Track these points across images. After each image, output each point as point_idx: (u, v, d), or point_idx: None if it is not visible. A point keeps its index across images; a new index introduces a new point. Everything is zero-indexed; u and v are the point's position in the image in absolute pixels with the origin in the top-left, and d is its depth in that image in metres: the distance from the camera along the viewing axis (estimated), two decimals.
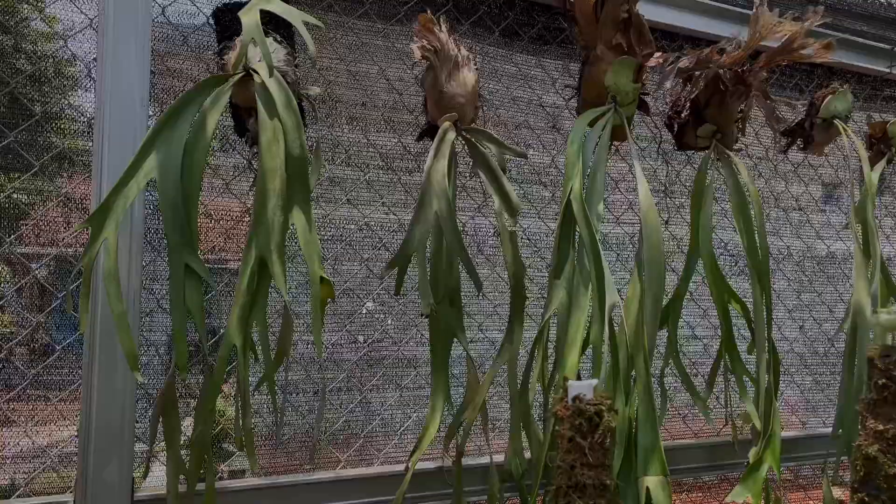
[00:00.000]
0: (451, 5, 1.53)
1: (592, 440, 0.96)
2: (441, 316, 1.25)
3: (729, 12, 1.82)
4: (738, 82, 1.65)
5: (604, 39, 1.53)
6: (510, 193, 1.30)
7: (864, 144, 2.03)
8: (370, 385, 1.45)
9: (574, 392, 1.02)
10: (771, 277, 2.06)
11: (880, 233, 2.26)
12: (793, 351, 2.01)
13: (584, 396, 1.01)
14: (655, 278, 1.38)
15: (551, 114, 1.68)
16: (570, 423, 0.97)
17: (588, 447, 0.96)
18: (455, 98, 1.37)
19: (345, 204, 1.44)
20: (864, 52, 2.10)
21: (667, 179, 1.81)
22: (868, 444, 1.21)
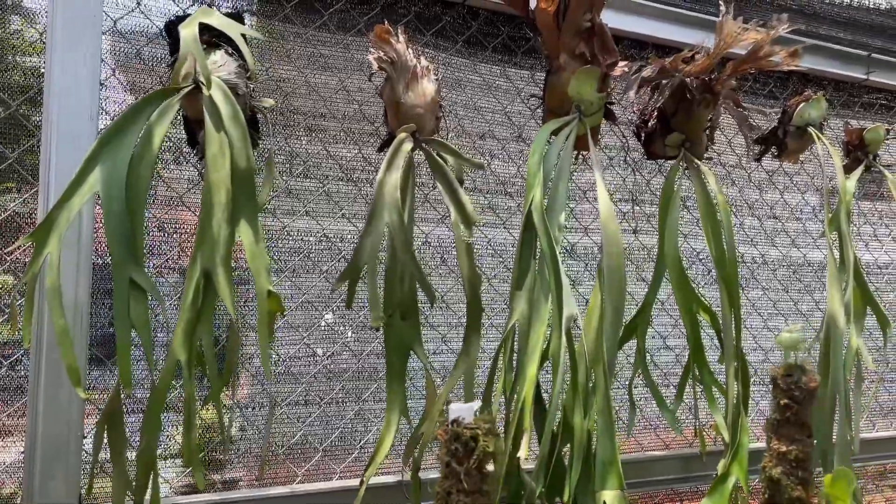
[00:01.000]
0: (412, 15, 1.52)
1: (468, 466, 0.94)
2: (395, 329, 1.24)
3: (698, 20, 1.81)
4: (705, 91, 1.64)
5: (566, 49, 1.52)
6: (466, 205, 1.29)
7: (841, 151, 2.02)
8: (328, 398, 1.44)
9: (454, 415, 1.00)
10: (745, 286, 2.05)
11: (859, 240, 2.25)
12: (769, 361, 1.99)
13: (462, 420, 0.99)
14: (616, 288, 1.36)
15: (517, 123, 1.67)
16: (447, 448, 0.96)
17: (464, 473, 0.94)
18: (414, 109, 1.36)
19: (303, 216, 1.43)
20: (840, 59, 2.09)
21: (635, 188, 1.80)
22: (772, 466, 1.20)
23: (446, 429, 0.97)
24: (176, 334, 1.06)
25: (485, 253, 1.63)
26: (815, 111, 1.89)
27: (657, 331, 1.84)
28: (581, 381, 1.32)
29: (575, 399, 1.33)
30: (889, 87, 2.20)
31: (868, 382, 2.18)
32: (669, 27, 1.82)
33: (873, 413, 2.17)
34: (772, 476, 1.25)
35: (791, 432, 1.24)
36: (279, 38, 1.40)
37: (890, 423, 2.18)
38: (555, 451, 1.30)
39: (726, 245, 1.61)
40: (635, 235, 1.83)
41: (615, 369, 1.64)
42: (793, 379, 1.19)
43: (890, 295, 2.23)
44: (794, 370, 1.20)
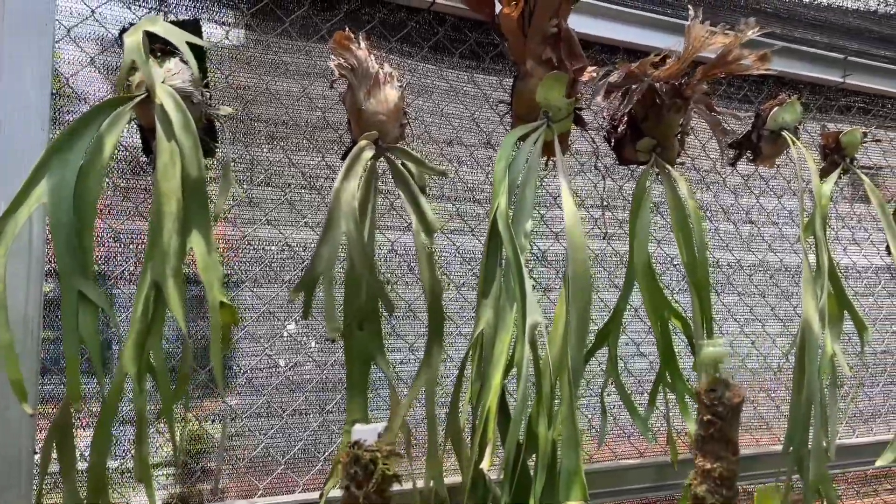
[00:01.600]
0: (377, 21, 1.51)
1: (367, 489, 0.92)
2: (355, 339, 1.22)
3: (670, 24, 1.80)
4: (675, 96, 1.62)
5: (533, 54, 1.51)
6: (428, 213, 1.27)
7: (818, 155, 2.01)
8: (291, 409, 1.42)
9: (356, 437, 0.98)
10: (721, 292, 2.03)
11: (838, 244, 2.24)
12: (745, 367, 1.97)
13: (364, 442, 0.97)
14: (581, 296, 1.35)
15: (485, 130, 1.66)
16: (346, 472, 0.94)
17: (363, 497, 0.92)
18: (376, 116, 1.35)
19: (265, 225, 1.41)
20: (816, 62, 2.08)
21: (604, 193, 1.79)
22: (697, 484, 1.18)
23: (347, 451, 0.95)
24: (125, 348, 1.05)
25: (453, 261, 1.61)
26: (790, 115, 1.88)
27: (630, 337, 1.83)
28: (546, 390, 1.30)
29: (539, 409, 1.31)
30: (866, 89, 2.19)
31: (848, 388, 2.17)
32: (641, 31, 1.81)
33: (853, 419, 2.16)
34: (696, 494, 1.23)
35: (716, 449, 1.21)
36: (239, 45, 1.38)
37: (870, 428, 2.17)
38: (519, 461, 1.28)
39: (697, 251, 1.60)
40: (607, 242, 1.81)
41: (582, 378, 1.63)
42: (716, 394, 1.14)
43: (869, 299, 2.22)
44: (718, 385, 1.16)
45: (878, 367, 2.21)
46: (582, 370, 1.37)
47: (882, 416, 2.19)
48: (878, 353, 2.21)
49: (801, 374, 1.72)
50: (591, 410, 1.77)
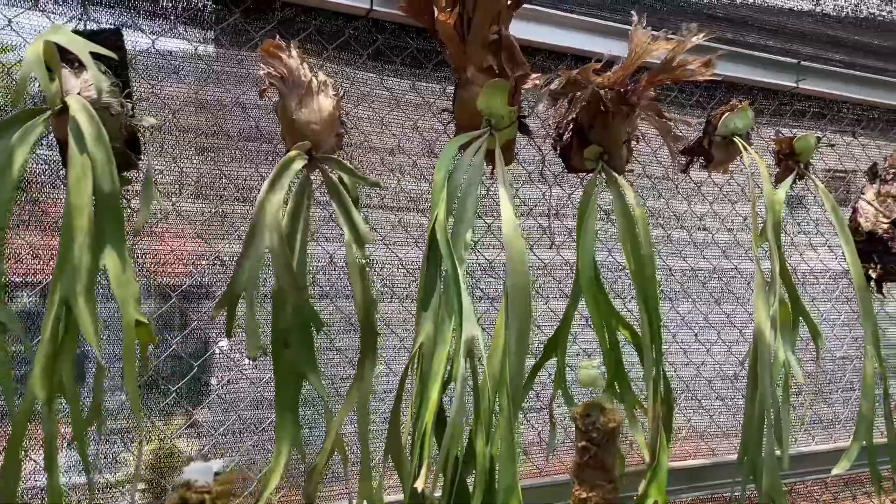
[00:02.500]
0: (313, 29, 1.48)
1: None
2: (284, 356, 1.19)
3: (619, 30, 1.78)
4: (620, 103, 1.60)
5: (474, 62, 1.48)
6: (359, 225, 1.24)
7: (773, 161, 2.00)
8: (224, 429, 1.38)
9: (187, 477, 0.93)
10: (675, 300, 2.01)
11: (794, 250, 2.23)
12: (700, 375, 1.95)
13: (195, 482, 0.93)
14: (520, 307, 1.32)
15: (428, 139, 1.63)
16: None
17: None
18: (308, 126, 1.31)
19: (195, 238, 1.38)
20: (769, 67, 2.07)
21: (551, 202, 1.76)
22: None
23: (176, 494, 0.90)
24: (33, 371, 1.01)
25: (397, 273, 1.58)
26: (741, 121, 1.86)
27: (582, 347, 1.80)
28: (484, 405, 1.27)
29: (478, 424, 1.28)
30: (820, 94, 2.18)
31: (806, 394, 2.15)
32: (589, 38, 1.79)
33: (813, 425, 2.14)
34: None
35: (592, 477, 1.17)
36: (167, 53, 1.35)
37: (830, 435, 2.15)
38: (456, 478, 1.25)
39: (644, 260, 1.57)
40: (556, 250, 1.79)
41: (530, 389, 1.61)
42: (591, 420, 1.09)
43: (828, 304, 2.21)
44: (592, 410, 1.10)
45: (837, 372, 2.20)
46: (522, 383, 1.33)
47: (842, 422, 2.17)
48: (837, 359, 2.20)
49: (755, 382, 1.71)
50: (542, 422, 1.74)
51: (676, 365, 1.94)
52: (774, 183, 1.99)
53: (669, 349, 1.93)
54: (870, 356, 1.80)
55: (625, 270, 1.85)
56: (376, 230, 1.55)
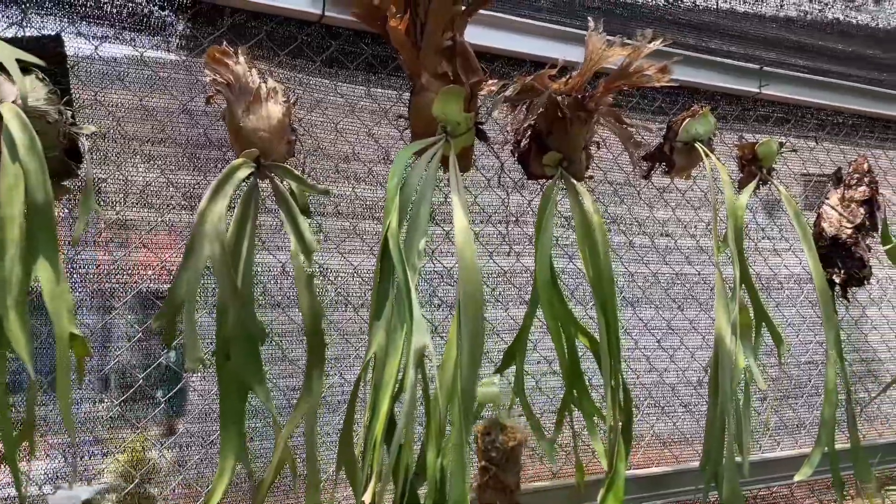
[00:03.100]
0: (264, 35, 1.46)
1: None
2: (229, 368, 1.16)
3: (578, 36, 1.77)
4: (578, 109, 1.60)
5: (428, 68, 1.47)
6: (306, 234, 1.22)
7: (735, 166, 2.00)
8: (170, 442, 1.36)
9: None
10: (637, 306, 2.01)
11: (758, 255, 2.23)
12: (663, 382, 1.95)
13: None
14: (472, 317, 1.31)
15: (384, 146, 1.61)
16: None
17: None
18: (256, 133, 1.30)
19: (139, 248, 1.35)
20: (732, 73, 2.07)
21: (510, 208, 1.75)
22: None
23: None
24: None
25: (352, 281, 1.56)
26: (702, 126, 1.86)
27: (543, 355, 1.79)
28: (435, 416, 1.26)
29: (428, 435, 1.27)
30: (784, 99, 2.19)
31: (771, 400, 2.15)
32: (549, 44, 1.78)
33: (778, 431, 2.14)
34: None
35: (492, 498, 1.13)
36: (111, 60, 1.32)
37: (795, 440, 2.15)
38: (406, 490, 1.23)
39: (602, 266, 1.57)
40: (516, 257, 1.77)
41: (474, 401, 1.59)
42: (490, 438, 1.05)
43: (792, 309, 2.21)
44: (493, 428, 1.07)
45: (803, 377, 2.20)
46: (475, 394, 1.31)
47: (807, 427, 2.18)
48: (802, 364, 2.21)
49: (716, 388, 1.70)
50: None
51: (639, 371, 1.93)
52: (737, 188, 1.99)
53: (632, 356, 1.92)
54: (832, 361, 1.80)
55: None
56: (330, 238, 1.53)
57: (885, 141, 2.43)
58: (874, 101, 2.38)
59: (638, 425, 1.90)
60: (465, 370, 1.29)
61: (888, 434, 2.31)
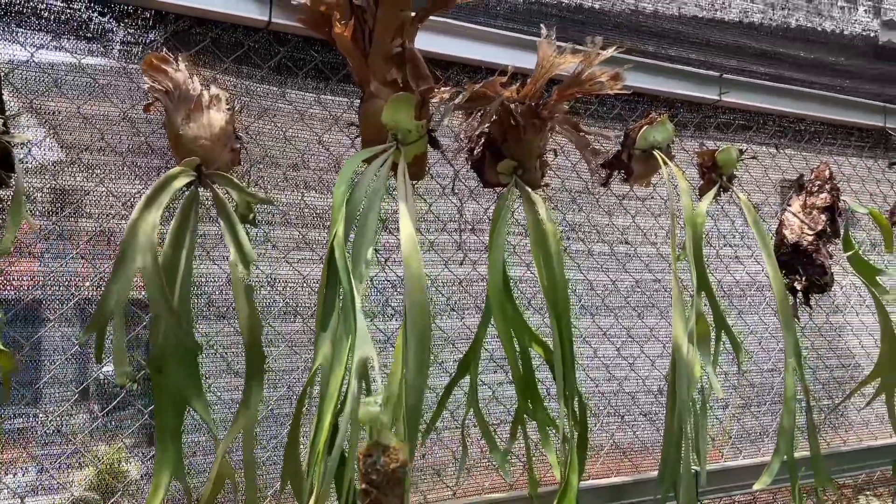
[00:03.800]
0: (209, 41, 1.43)
1: None
2: (164, 381, 1.14)
3: (532, 43, 1.76)
4: (532, 116, 1.58)
5: (377, 75, 1.45)
6: (245, 243, 1.20)
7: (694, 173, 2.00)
8: (108, 458, 1.33)
9: None
10: (596, 314, 2.00)
11: (720, 262, 2.23)
12: (623, 391, 1.93)
13: None
14: (419, 327, 1.29)
15: (335, 153, 1.59)
16: None
17: None
18: (196, 141, 1.27)
19: (76, 259, 1.32)
20: (692, 80, 2.07)
21: (465, 216, 1.74)
22: None
23: None
24: None
25: (301, 291, 1.54)
26: (660, 134, 1.85)
27: (500, 364, 1.77)
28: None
29: None
30: (746, 107, 2.19)
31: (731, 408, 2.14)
32: (506, 51, 1.76)
33: (740, 439, 2.13)
34: None
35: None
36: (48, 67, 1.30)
37: (758, 448, 2.15)
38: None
39: (556, 274, 1.55)
40: (473, 266, 1.76)
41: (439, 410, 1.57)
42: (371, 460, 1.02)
43: (754, 316, 2.21)
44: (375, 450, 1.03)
45: (765, 385, 2.20)
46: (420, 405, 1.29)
47: (769, 435, 2.17)
48: (764, 371, 2.20)
49: (674, 397, 1.69)
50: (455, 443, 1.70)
51: (599, 380, 1.92)
52: (698, 196, 1.99)
53: (591, 364, 1.91)
54: (790, 369, 1.80)
55: None
56: (278, 248, 1.51)
57: (848, 147, 2.44)
58: (836, 108, 2.39)
59: (597, 434, 1.88)
60: (412, 381, 1.27)
61: (852, 441, 2.32)
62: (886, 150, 2.49)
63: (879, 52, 2.60)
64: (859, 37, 2.60)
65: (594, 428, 1.90)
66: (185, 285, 1.19)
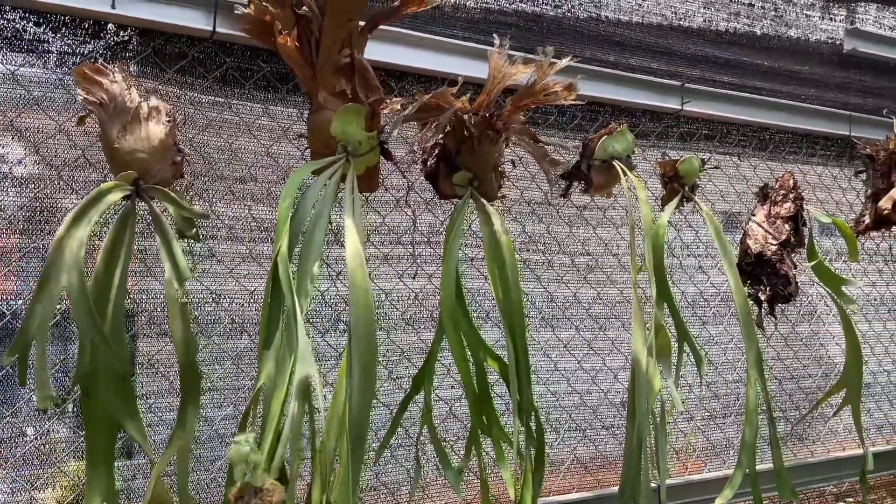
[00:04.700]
0: (151, 51, 1.40)
1: None
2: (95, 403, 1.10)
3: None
4: (486, 127, 1.56)
5: (326, 86, 1.42)
6: (180, 260, 1.16)
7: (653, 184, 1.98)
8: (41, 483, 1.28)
9: None
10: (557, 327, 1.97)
11: (684, 273, 2.21)
12: (585, 404, 1.91)
13: None
14: (364, 344, 1.25)
15: (284, 165, 1.56)
16: None
17: None
18: (133, 154, 1.24)
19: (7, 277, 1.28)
20: (654, 90, 2.06)
21: (417, 229, 1.71)
22: None
23: None
24: None
25: (248, 307, 1.50)
26: (620, 144, 1.83)
27: (458, 379, 1.74)
28: (319, 450, 1.20)
29: (314, 471, 1.21)
30: (709, 116, 2.18)
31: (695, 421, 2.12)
32: (462, 61, 1.74)
33: (705, 452, 2.11)
34: None
35: None
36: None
37: (723, 461, 2.13)
38: None
39: (511, 287, 1.53)
40: (429, 279, 1.73)
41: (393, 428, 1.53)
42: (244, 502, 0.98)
43: (719, 327, 2.19)
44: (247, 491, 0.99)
45: (729, 396, 2.18)
46: (367, 424, 1.26)
47: (735, 447, 2.15)
48: (729, 383, 2.19)
49: (634, 411, 1.67)
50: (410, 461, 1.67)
51: (559, 394, 1.89)
52: (660, 206, 1.97)
53: (551, 378, 1.88)
54: (752, 381, 1.77)
55: None
56: (224, 262, 1.47)
57: (813, 156, 2.43)
58: (802, 117, 2.38)
59: (558, 449, 1.86)
60: (357, 399, 1.24)
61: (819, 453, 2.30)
62: (852, 158, 2.49)
63: (844, 60, 2.60)
64: (825, 44, 2.60)
65: (555, 443, 1.88)
66: (118, 304, 1.15)
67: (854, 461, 2.22)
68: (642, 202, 1.77)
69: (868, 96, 2.66)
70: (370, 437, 1.70)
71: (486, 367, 1.54)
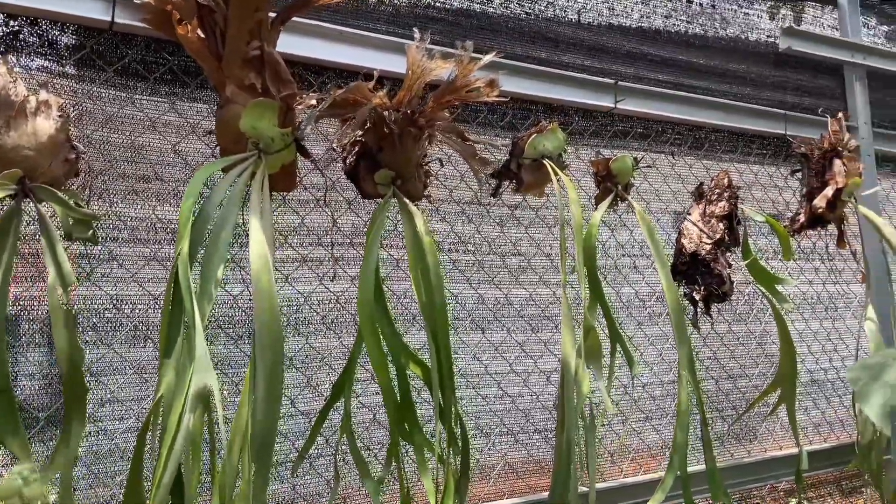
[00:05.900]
0: (45, 43, 1.32)
1: None
2: None
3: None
4: (408, 124, 1.51)
5: (234, 79, 1.36)
6: (64, 265, 1.09)
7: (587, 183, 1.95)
8: None
9: None
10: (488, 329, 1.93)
11: (618, 273, 2.19)
12: (516, 408, 1.87)
13: None
14: (269, 350, 1.19)
15: (192, 163, 1.49)
16: None
17: None
18: (19, 151, 1.16)
19: None
20: (587, 88, 2.03)
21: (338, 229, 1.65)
22: None
23: None
24: None
25: (152, 313, 1.42)
26: (551, 142, 1.80)
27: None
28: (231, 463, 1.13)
29: (214, 486, 1.15)
30: (644, 115, 2.15)
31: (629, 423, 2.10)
32: (388, 56, 1.69)
33: (640, 454, 2.09)
34: None
35: None
36: None
37: (659, 463, 2.10)
38: None
39: (434, 289, 1.47)
40: (352, 282, 1.67)
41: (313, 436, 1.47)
42: None
43: (654, 328, 2.17)
44: None
45: (665, 398, 2.16)
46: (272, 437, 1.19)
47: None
48: (665, 384, 2.17)
49: (563, 415, 1.63)
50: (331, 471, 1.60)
51: (490, 398, 1.85)
52: (594, 205, 1.94)
53: (481, 381, 1.84)
54: (684, 382, 1.75)
55: (457, 299, 1.76)
56: (125, 266, 1.39)
57: (749, 155, 2.43)
58: (737, 116, 2.38)
59: (489, 454, 1.81)
60: (261, 409, 1.18)
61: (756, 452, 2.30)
62: (788, 157, 2.49)
63: (780, 59, 2.61)
64: (762, 43, 2.61)
65: (486, 448, 1.83)
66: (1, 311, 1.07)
67: (791, 460, 2.21)
68: (573, 202, 1.74)
69: (805, 95, 2.67)
70: (288, 448, 1.64)
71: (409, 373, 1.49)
